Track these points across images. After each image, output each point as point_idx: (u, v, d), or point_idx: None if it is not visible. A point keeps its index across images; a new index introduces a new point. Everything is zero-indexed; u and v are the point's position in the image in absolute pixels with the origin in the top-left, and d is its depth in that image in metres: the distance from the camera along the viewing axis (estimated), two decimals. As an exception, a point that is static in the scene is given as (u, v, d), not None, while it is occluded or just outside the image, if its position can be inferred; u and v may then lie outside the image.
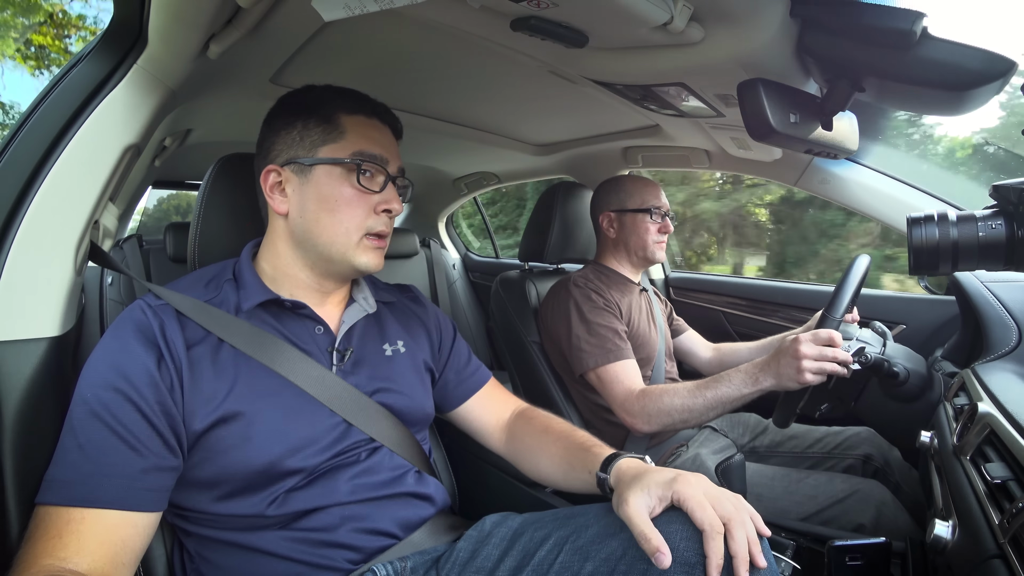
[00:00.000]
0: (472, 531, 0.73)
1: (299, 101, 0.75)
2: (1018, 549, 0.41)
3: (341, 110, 0.74)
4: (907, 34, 0.65)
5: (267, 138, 0.75)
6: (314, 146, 0.72)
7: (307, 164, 0.72)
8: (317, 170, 0.72)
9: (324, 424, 0.70)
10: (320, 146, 0.72)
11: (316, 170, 0.72)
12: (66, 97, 0.70)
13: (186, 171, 1.94)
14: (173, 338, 0.65)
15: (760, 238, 3.59)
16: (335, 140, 0.72)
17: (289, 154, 0.73)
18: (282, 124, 0.74)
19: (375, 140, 0.75)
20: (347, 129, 0.73)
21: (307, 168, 0.72)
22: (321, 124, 0.73)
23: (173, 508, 0.66)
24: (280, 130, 0.74)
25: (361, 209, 0.72)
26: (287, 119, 0.74)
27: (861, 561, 0.76)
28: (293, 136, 0.73)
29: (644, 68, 0.90)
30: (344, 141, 0.72)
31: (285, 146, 0.73)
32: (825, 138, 0.88)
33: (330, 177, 0.72)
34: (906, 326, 1.27)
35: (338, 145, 0.72)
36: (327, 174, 0.72)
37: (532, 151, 1.79)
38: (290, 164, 0.72)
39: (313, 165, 0.71)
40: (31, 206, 0.65)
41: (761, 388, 1.00)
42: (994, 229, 0.75)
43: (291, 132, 0.73)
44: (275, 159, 0.73)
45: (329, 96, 0.75)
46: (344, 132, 0.73)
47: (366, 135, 0.74)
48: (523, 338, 1.39)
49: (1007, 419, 0.52)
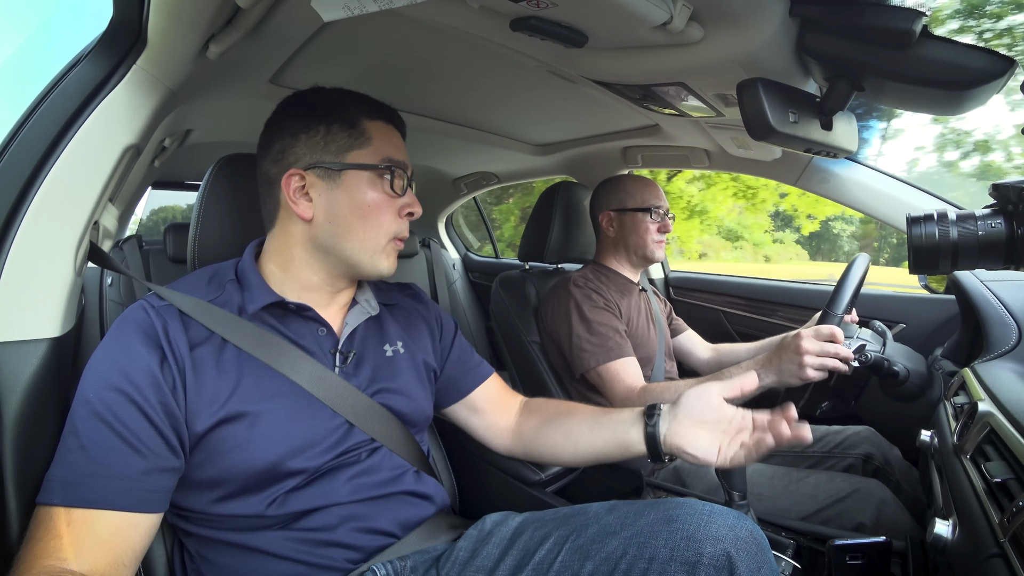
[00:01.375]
0: (472, 530, 0.73)
1: (315, 104, 0.74)
2: (1018, 548, 0.41)
3: (364, 115, 0.74)
4: (906, 33, 0.65)
5: (280, 140, 0.73)
6: (341, 151, 0.72)
7: (336, 169, 0.71)
8: (346, 175, 0.71)
9: (327, 425, 0.70)
10: (347, 151, 0.72)
11: (345, 175, 0.71)
12: (65, 98, 0.70)
13: (186, 171, 1.94)
14: (176, 339, 0.65)
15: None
16: (362, 146, 0.72)
17: (313, 158, 0.71)
18: (301, 127, 0.72)
19: (396, 146, 0.76)
20: (372, 135, 0.73)
21: (335, 173, 0.71)
22: (347, 129, 0.72)
23: (173, 508, 0.66)
24: (300, 133, 0.72)
25: (389, 215, 0.73)
26: (306, 122, 0.72)
27: (861, 560, 0.76)
28: (317, 140, 0.72)
29: (644, 68, 0.90)
30: (372, 147, 0.72)
31: (308, 150, 0.72)
32: (825, 138, 0.88)
33: (360, 182, 0.72)
34: (906, 325, 1.27)
35: (366, 151, 0.72)
36: (357, 179, 0.72)
37: (532, 151, 1.79)
38: (315, 168, 0.71)
39: (342, 170, 0.71)
40: (31, 206, 0.64)
41: (762, 385, 1.00)
42: (994, 228, 0.75)
43: (314, 136, 0.72)
44: (296, 163, 0.72)
45: (349, 100, 0.75)
46: (370, 138, 0.73)
47: (389, 141, 0.75)
48: (523, 338, 1.40)
49: (1007, 418, 0.52)
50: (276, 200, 0.74)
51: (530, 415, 0.89)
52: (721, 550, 0.53)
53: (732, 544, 0.54)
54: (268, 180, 0.74)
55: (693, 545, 0.53)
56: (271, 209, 0.75)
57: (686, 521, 0.55)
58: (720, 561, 0.53)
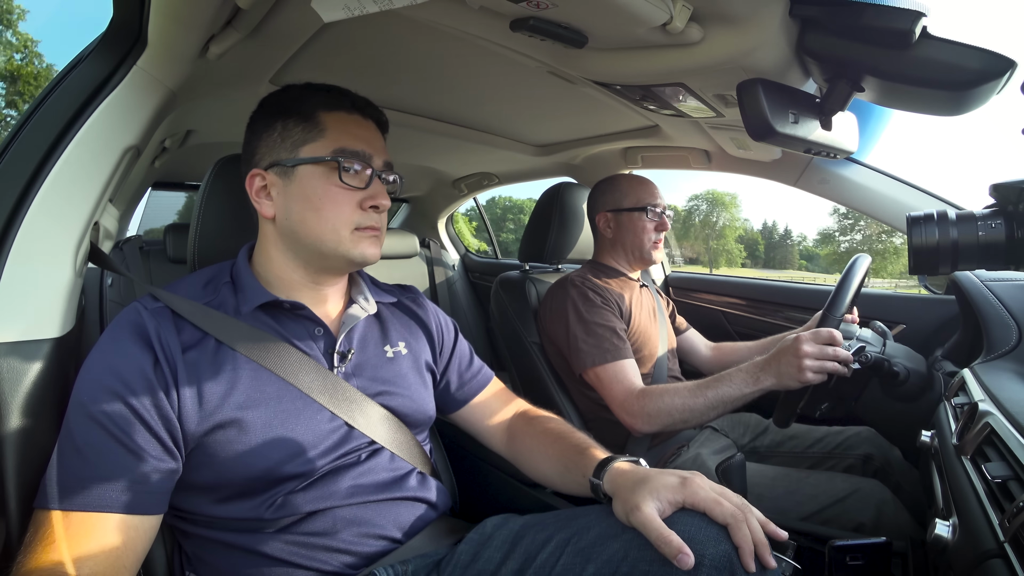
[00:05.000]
0: (473, 534, 0.72)
1: (278, 102, 0.74)
2: (1018, 548, 0.41)
3: (320, 107, 0.72)
4: (906, 34, 0.65)
5: (250, 142, 0.74)
6: (295, 146, 0.71)
7: (289, 165, 0.71)
8: (299, 171, 0.71)
9: (325, 427, 0.69)
10: (301, 146, 0.71)
11: (298, 171, 0.71)
12: (66, 98, 0.70)
13: (186, 172, 1.94)
14: (168, 340, 0.64)
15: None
16: (315, 139, 0.71)
17: (272, 157, 0.72)
18: (263, 127, 0.73)
19: (357, 136, 0.73)
20: (327, 126, 0.72)
21: (290, 169, 0.71)
22: (301, 123, 0.71)
23: (172, 509, 0.66)
24: (261, 133, 0.73)
25: (347, 206, 0.71)
26: (267, 121, 0.73)
27: (862, 561, 0.76)
28: (274, 138, 0.72)
29: (644, 68, 0.90)
30: (324, 139, 0.71)
31: (267, 149, 0.72)
32: (825, 138, 0.88)
33: (312, 176, 0.70)
34: (906, 326, 1.27)
35: (318, 143, 0.71)
36: (309, 174, 0.71)
37: (532, 151, 1.79)
38: (273, 167, 0.72)
39: (295, 166, 0.70)
40: (31, 207, 0.64)
41: (762, 387, 1.00)
42: (994, 229, 0.75)
43: (272, 134, 0.72)
44: (258, 163, 0.73)
45: (308, 94, 0.74)
46: (324, 129, 0.71)
47: (347, 131, 0.72)
48: (523, 339, 1.39)
49: (1007, 418, 0.52)
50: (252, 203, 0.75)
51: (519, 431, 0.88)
52: (722, 551, 0.53)
53: (733, 544, 0.54)
54: (243, 182, 0.75)
55: (694, 546, 0.53)
56: (253, 211, 0.76)
57: (687, 523, 0.55)
58: (721, 562, 0.52)
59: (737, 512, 0.55)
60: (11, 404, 0.60)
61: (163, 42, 0.73)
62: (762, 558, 0.54)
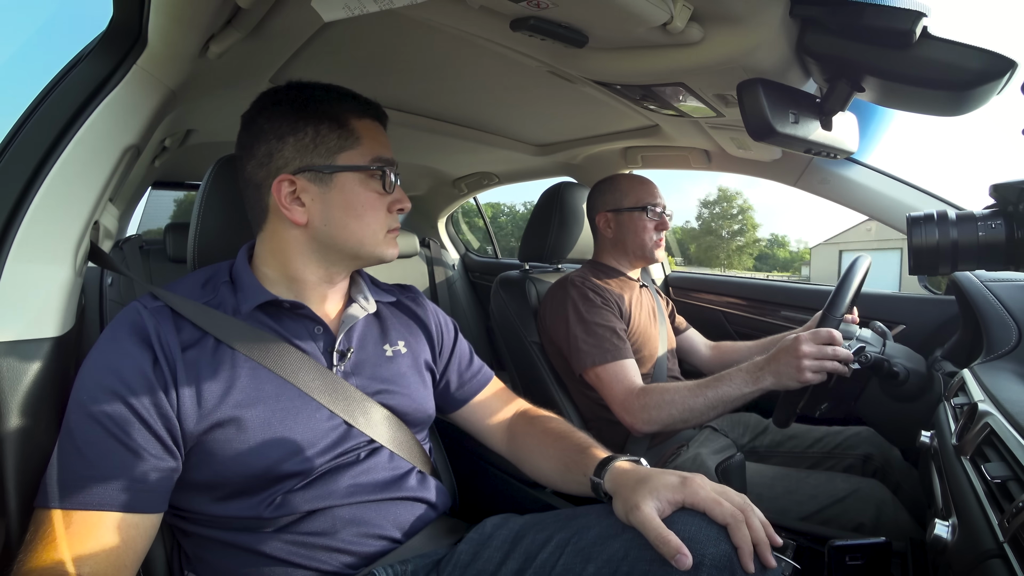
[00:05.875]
0: (473, 533, 0.72)
1: (302, 104, 0.72)
2: (1018, 549, 0.41)
3: (351, 114, 0.73)
4: (907, 34, 0.65)
5: (265, 143, 0.72)
6: (331, 153, 0.71)
7: (327, 172, 0.71)
8: (339, 177, 0.71)
9: (323, 425, 0.70)
10: (337, 153, 0.71)
11: (338, 178, 0.71)
12: (66, 97, 0.70)
13: (186, 172, 1.94)
14: (168, 339, 0.64)
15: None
16: (352, 146, 0.72)
17: (302, 162, 0.71)
18: (288, 129, 0.71)
19: (384, 143, 0.76)
20: (362, 134, 0.73)
21: (327, 176, 0.71)
22: (336, 130, 0.72)
23: (171, 508, 0.66)
24: (287, 136, 0.71)
25: (382, 211, 0.74)
26: (293, 123, 0.71)
27: (861, 561, 0.76)
28: (305, 143, 0.71)
29: (644, 68, 0.90)
30: (362, 147, 0.73)
31: (296, 153, 0.71)
32: (825, 138, 0.88)
33: (353, 183, 0.72)
34: (906, 326, 1.27)
35: (356, 152, 0.72)
36: (350, 181, 0.72)
37: (532, 151, 1.79)
38: (304, 172, 0.71)
39: (334, 173, 0.71)
40: (31, 206, 0.64)
41: (762, 387, 1.00)
42: (994, 229, 0.75)
43: (303, 139, 0.71)
44: (284, 167, 0.71)
45: (334, 98, 0.74)
46: (360, 138, 0.73)
47: (377, 139, 0.75)
48: (523, 338, 1.39)
49: (1007, 419, 0.52)
50: (264, 205, 0.73)
51: (519, 431, 0.88)
52: (722, 551, 0.53)
53: (733, 545, 0.54)
54: (254, 184, 0.73)
55: (694, 546, 0.53)
56: (260, 213, 0.74)
57: (687, 522, 0.55)
58: (722, 562, 0.52)
59: (737, 512, 0.55)
60: (11, 403, 0.60)
61: (163, 41, 0.73)
62: (762, 558, 0.54)
